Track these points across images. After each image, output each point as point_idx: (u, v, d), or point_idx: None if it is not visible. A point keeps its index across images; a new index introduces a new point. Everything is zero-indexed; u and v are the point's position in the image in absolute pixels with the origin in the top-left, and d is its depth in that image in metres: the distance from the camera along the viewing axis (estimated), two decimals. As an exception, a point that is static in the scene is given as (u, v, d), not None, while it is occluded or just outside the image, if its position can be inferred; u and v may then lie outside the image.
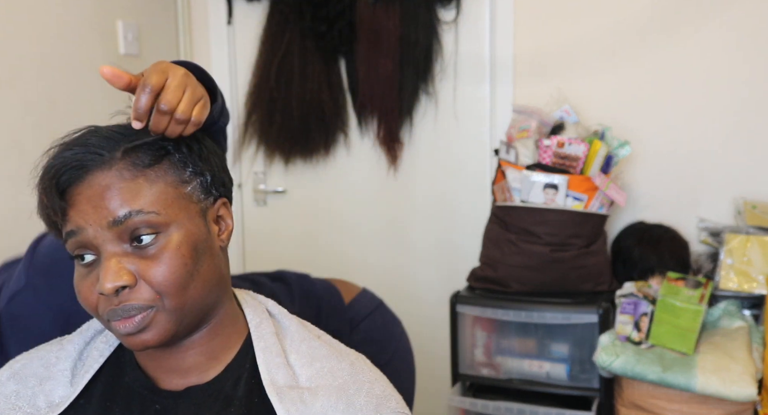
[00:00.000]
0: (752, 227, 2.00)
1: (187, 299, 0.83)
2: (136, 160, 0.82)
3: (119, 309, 0.80)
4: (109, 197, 0.80)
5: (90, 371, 0.91)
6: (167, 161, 0.84)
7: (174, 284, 0.81)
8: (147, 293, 0.81)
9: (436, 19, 2.43)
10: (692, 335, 1.79)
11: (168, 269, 0.81)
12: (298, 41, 2.51)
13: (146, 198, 0.81)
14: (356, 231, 2.65)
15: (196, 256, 0.83)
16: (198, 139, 0.87)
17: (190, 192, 0.85)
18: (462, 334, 2.08)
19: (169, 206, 0.82)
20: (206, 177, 0.87)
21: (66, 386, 0.91)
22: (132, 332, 0.81)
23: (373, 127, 2.55)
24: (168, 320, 0.82)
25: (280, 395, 0.85)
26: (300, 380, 0.88)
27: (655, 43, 2.21)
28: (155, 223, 0.81)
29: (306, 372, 0.89)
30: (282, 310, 0.97)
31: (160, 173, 0.83)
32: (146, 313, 0.81)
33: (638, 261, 2.10)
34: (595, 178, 1.97)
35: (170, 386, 0.89)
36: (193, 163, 0.85)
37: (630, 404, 1.84)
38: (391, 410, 0.87)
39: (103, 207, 0.80)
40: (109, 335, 0.94)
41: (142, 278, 0.81)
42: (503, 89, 2.39)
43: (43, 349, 0.96)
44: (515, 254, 2.02)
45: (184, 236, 0.83)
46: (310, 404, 0.85)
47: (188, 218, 0.84)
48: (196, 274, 0.83)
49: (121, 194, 0.80)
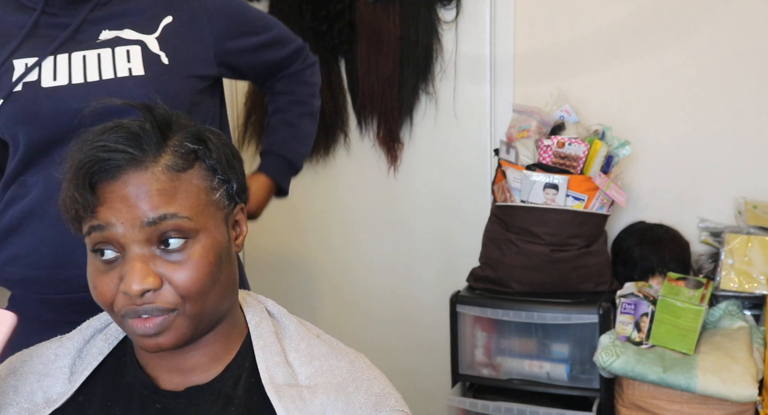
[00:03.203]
0: (753, 226, 2.00)
1: (207, 304, 0.84)
2: (170, 163, 0.82)
3: (141, 309, 0.81)
4: (145, 198, 0.80)
5: (88, 368, 0.91)
6: (198, 167, 0.85)
7: (198, 290, 0.82)
8: (171, 296, 0.81)
9: (436, 19, 2.43)
10: (693, 335, 1.79)
11: (195, 275, 0.82)
12: (298, 41, 2.51)
13: (181, 202, 0.82)
14: (356, 231, 2.64)
15: (220, 263, 0.85)
16: (227, 145, 0.88)
17: (218, 199, 0.86)
18: (462, 334, 2.08)
19: (201, 213, 0.83)
20: (232, 184, 0.88)
21: (64, 382, 0.91)
22: (150, 333, 0.81)
23: (373, 127, 2.54)
24: (186, 325, 0.83)
25: (279, 394, 0.86)
26: (299, 378, 0.89)
27: (656, 42, 2.21)
28: (186, 228, 0.82)
29: (305, 370, 0.89)
30: (281, 309, 0.98)
31: (193, 179, 0.84)
32: (167, 316, 0.81)
33: (639, 261, 2.10)
34: (595, 178, 1.96)
35: (171, 386, 0.89)
36: (222, 170, 0.86)
37: (630, 405, 1.83)
38: (390, 408, 0.87)
39: (137, 207, 0.80)
40: (110, 333, 0.94)
41: (167, 281, 0.81)
42: (503, 89, 2.38)
43: (43, 346, 0.96)
44: (515, 254, 2.02)
45: (212, 244, 0.84)
46: (309, 401, 0.85)
47: (215, 225, 0.85)
48: (217, 280, 0.85)
49: (158, 196, 0.81)
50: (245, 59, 1.43)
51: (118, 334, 0.94)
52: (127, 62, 1.22)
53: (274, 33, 1.49)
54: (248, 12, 1.43)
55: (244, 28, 1.40)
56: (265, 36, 1.47)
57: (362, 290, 2.65)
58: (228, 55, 1.37)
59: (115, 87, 1.20)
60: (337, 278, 2.68)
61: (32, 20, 1.24)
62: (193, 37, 1.29)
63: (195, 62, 1.29)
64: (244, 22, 1.40)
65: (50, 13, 1.26)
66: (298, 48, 1.56)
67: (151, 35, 1.25)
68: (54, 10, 1.26)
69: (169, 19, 1.27)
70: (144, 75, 1.22)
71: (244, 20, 1.40)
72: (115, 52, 1.23)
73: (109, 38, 1.24)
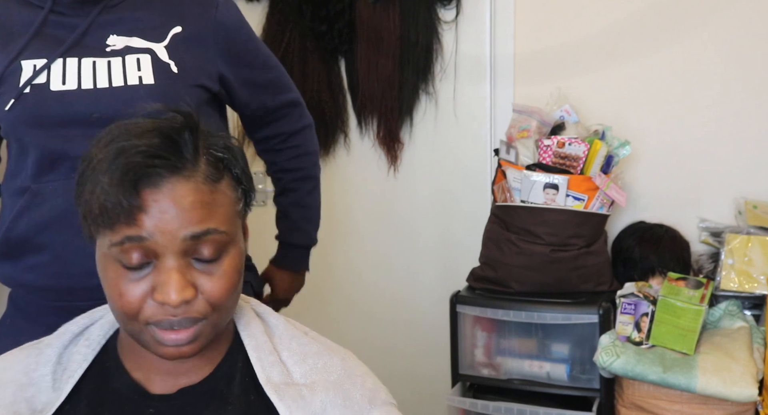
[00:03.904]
0: (753, 227, 2.00)
1: (229, 312, 0.86)
2: (208, 173, 0.82)
3: (176, 320, 0.80)
4: (190, 210, 0.80)
5: (74, 375, 0.89)
6: (227, 177, 0.85)
7: (229, 300, 0.84)
8: (203, 306, 0.81)
9: (436, 19, 2.43)
10: (693, 335, 1.79)
11: (227, 286, 0.83)
12: (298, 41, 2.50)
13: (219, 216, 0.82)
14: (356, 231, 2.64)
15: (242, 271, 0.87)
16: (243, 153, 0.88)
17: (241, 210, 0.87)
18: (462, 334, 2.08)
19: (232, 224, 0.84)
20: (250, 194, 0.89)
21: (48, 391, 0.88)
22: (182, 343, 0.81)
23: (373, 127, 2.54)
24: (209, 333, 0.84)
25: (279, 393, 0.86)
26: (294, 376, 0.90)
27: (656, 42, 2.20)
28: (222, 242, 0.82)
29: (299, 369, 0.90)
30: (267, 308, 0.99)
31: (226, 190, 0.84)
32: (197, 326, 0.82)
33: (639, 261, 2.10)
34: (595, 178, 1.96)
35: (161, 390, 0.88)
36: (246, 180, 0.87)
37: (630, 405, 1.83)
38: (382, 401, 0.90)
39: (183, 219, 0.79)
40: (91, 338, 0.92)
41: (200, 292, 0.81)
42: (503, 89, 2.38)
43: (23, 353, 0.93)
44: (515, 254, 2.02)
45: (239, 254, 0.85)
46: (309, 400, 0.86)
47: (239, 235, 0.87)
48: (240, 289, 0.87)
49: (201, 209, 0.80)
50: (239, 91, 1.40)
51: (100, 339, 0.92)
52: (137, 70, 1.22)
53: (273, 75, 1.47)
54: (253, 44, 1.41)
55: (245, 58, 1.39)
56: (263, 74, 1.44)
57: (362, 289, 2.65)
58: (224, 79, 1.36)
59: (125, 94, 1.20)
60: (337, 277, 2.68)
61: (40, 19, 1.24)
62: (199, 50, 1.29)
63: (201, 73, 1.29)
64: (245, 51, 1.39)
65: (57, 12, 1.25)
66: (294, 101, 1.54)
67: (159, 43, 1.25)
68: (61, 9, 1.25)
69: (178, 29, 1.27)
70: (154, 84, 1.22)
71: (245, 49, 1.39)
72: (125, 60, 1.22)
73: (119, 48, 1.23)
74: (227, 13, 1.35)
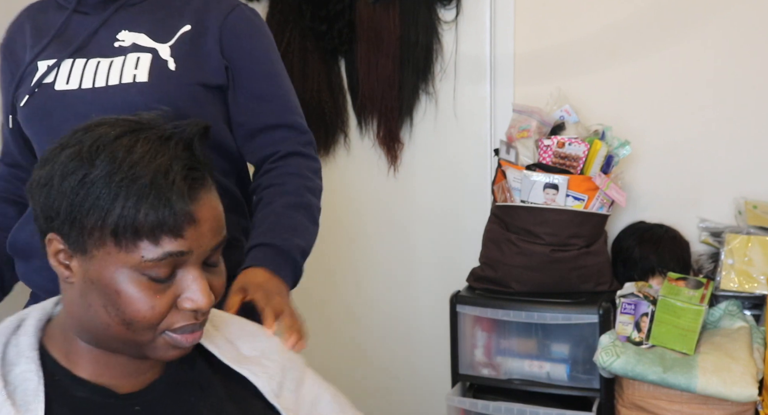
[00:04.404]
0: (753, 227, 2.00)
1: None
2: (212, 181, 0.84)
3: (198, 323, 0.83)
4: (219, 221, 0.82)
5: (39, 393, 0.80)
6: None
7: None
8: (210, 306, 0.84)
9: (436, 19, 2.43)
10: (693, 335, 1.79)
11: (224, 282, 0.87)
12: (298, 41, 2.50)
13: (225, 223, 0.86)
14: (356, 231, 2.64)
15: None
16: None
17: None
18: (462, 334, 2.08)
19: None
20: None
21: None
22: (195, 343, 0.85)
23: (373, 127, 2.54)
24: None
25: (240, 364, 0.93)
26: (243, 351, 0.96)
27: (656, 42, 2.20)
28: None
29: (243, 345, 0.97)
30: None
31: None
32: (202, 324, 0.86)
33: (639, 261, 2.09)
34: (595, 178, 1.96)
35: (129, 389, 0.86)
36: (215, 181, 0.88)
37: (630, 405, 1.83)
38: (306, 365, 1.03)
39: (216, 230, 0.82)
40: (24, 354, 0.83)
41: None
42: (503, 89, 2.38)
43: None
44: (515, 254, 2.02)
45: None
46: (266, 366, 0.94)
47: None
48: None
49: (222, 219, 0.83)
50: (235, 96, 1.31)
51: (33, 354, 0.83)
52: (134, 69, 1.22)
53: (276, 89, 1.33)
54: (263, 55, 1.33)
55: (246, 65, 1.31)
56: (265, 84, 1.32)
57: (362, 289, 2.65)
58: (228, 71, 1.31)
59: (118, 93, 1.21)
60: (337, 277, 2.68)
61: (62, 20, 1.27)
62: (204, 48, 1.28)
63: (204, 69, 1.27)
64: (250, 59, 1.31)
65: (82, 13, 1.27)
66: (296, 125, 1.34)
67: (165, 44, 1.25)
68: (86, 9, 1.27)
69: (187, 28, 1.27)
70: (147, 82, 1.22)
71: (250, 48, 1.31)
72: (126, 58, 1.23)
73: (127, 45, 1.24)
74: (242, 15, 1.32)
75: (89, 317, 0.81)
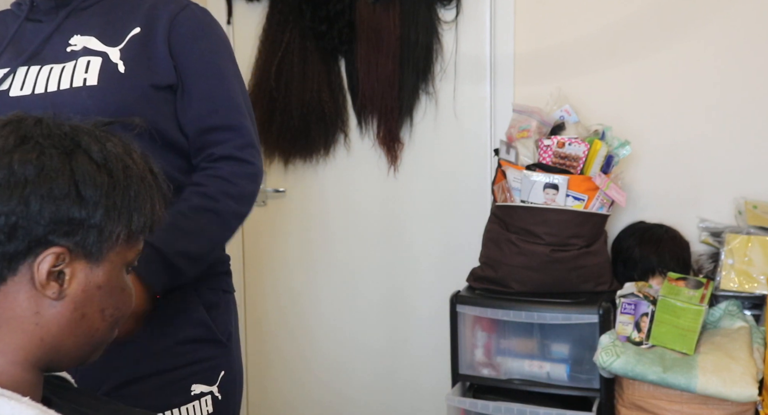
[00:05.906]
0: (753, 226, 2.00)
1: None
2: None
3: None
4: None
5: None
6: None
7: None
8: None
9: (436, 19, 2.43)
10: (693, 335, 1.79)
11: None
12: (298, 41, 2.51)
13: None
14: (356, 231, 2.64)
15: None
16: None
17: None
18: (462, 334, 2.08)
19: None
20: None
21: None
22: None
23: (373, 127, 2.54)
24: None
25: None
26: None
27: (656, 42, 2.21)
28: None
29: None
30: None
31: None
32: None
33: (639, 261, 2.09)
34: (595, 178, 1.96)
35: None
36: None
37: (630, 405, 1.83)
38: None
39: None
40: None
41: None
42: (503, 89, 2.38)
43: None
44: (515, 254, 2.02)
45: None
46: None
47: None
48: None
49: None
50: (181, 96, 1.28)
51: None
52: (84, 73, 1.23)
53: (221, 90, 1.30)
54: (213, 57, 1.30)
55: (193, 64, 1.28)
56: (210, 84, 1.29)
57: (362, 289, 2.65)
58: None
59: (68, 97, 1.21)
60: (337, 276, 2.68)
61: (14, 28, 1.28)
62: (155, 46, 1.27)
63: (153, 71, 1.26)
64: (199, 59, 1.29)
65: (35, 20, 1.29)
66: (238, 127, 1.30)
67: (115, 47, 1.25)
68: (38, 16, 1.29)
69: (137, 30, 1.27)
70: (96, 85, 1.22)
71: (197, 48, 1.29)
72: (77, 63, 1.24)
73: (78, 49, 1.25)
74: (190, 15, 1.30)
75: (76, 331, 0.78)
